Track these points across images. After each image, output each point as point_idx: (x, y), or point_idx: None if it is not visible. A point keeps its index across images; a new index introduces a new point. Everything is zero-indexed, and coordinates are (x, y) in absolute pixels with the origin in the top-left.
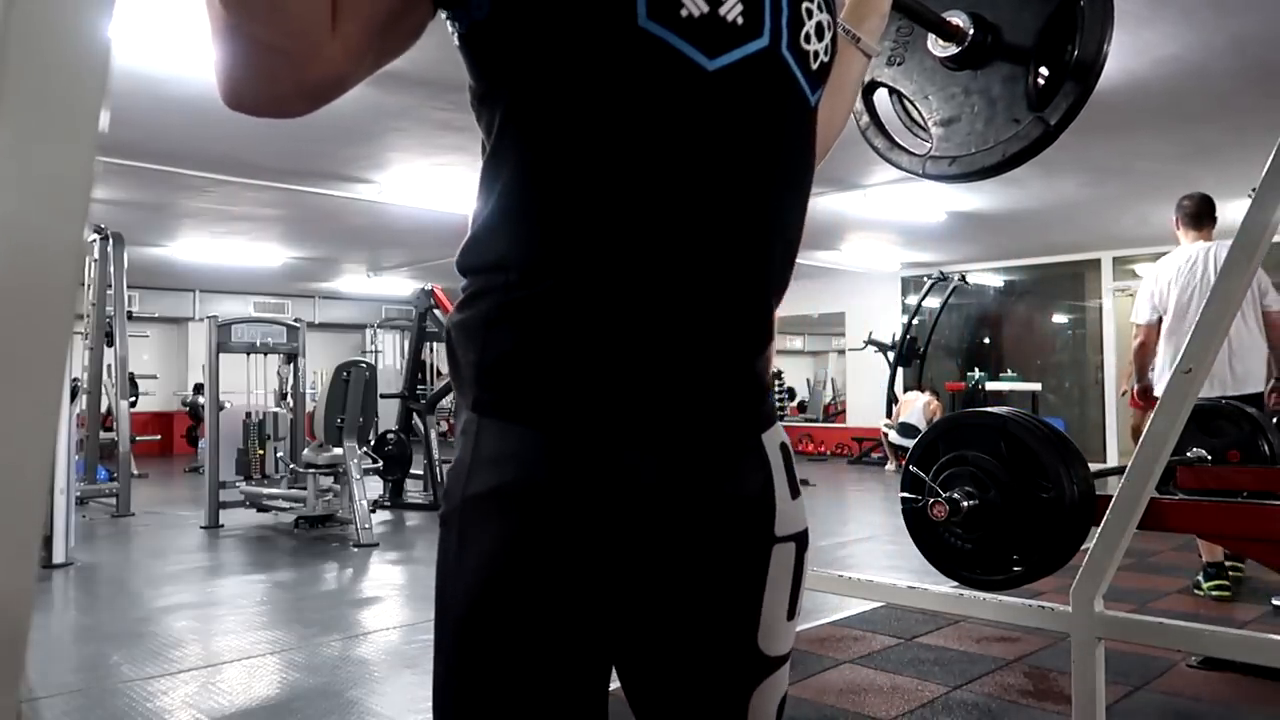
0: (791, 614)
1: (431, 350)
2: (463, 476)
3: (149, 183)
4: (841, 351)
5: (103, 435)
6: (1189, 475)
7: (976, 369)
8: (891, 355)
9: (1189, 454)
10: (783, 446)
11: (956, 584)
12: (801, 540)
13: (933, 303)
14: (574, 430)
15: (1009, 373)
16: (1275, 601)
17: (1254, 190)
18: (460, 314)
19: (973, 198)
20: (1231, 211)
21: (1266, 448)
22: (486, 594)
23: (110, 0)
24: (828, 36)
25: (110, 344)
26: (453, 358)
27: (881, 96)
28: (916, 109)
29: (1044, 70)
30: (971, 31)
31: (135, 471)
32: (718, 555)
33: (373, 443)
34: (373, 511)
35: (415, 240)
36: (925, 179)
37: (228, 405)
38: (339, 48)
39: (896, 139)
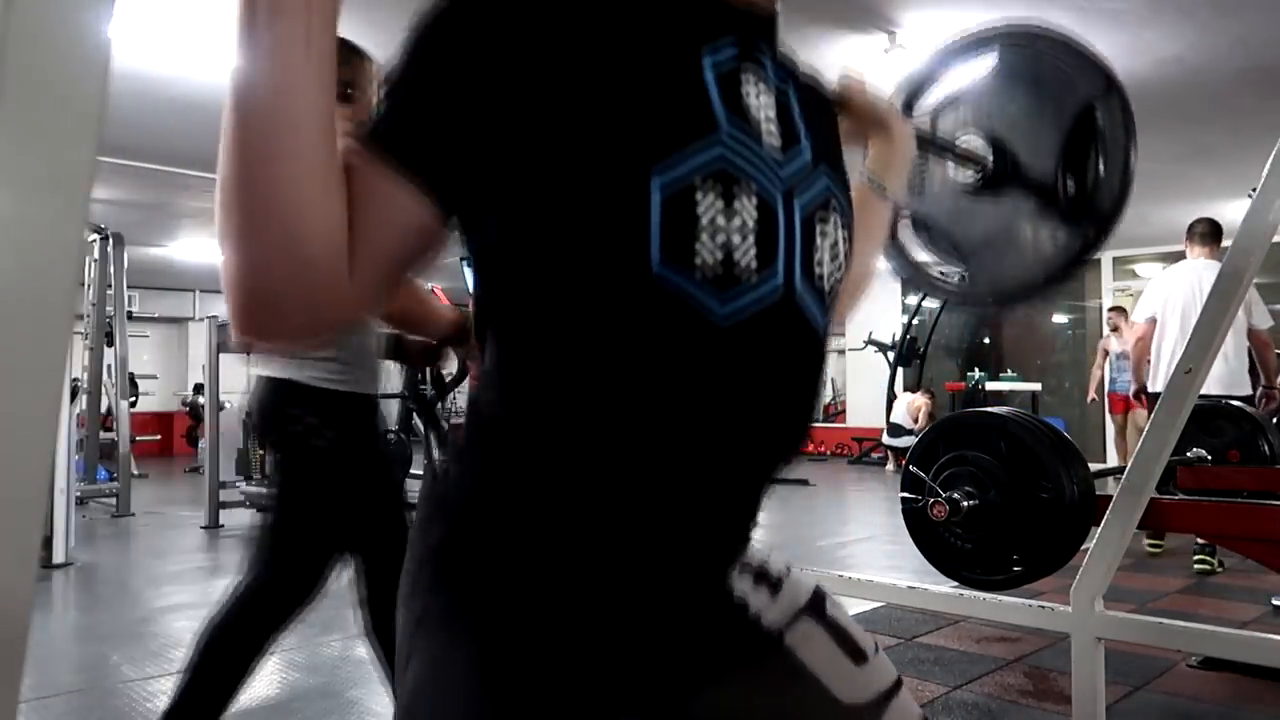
0: None
1: None
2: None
3: (149, 183)
4: (842, 351)
5: (103, 435)
6: (1189, 475)
7: (976, 369)
8: (891, 355)
9: (1189, 454)
10: (823, 624)
11: (956, 584)
12: (896, 688)
13: (933, 303)
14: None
15: (1009, 373)
16: (1275, 601)
17: (1254, 190)
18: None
19: None
20: (1231, 211)
21: (1266, 448)
22: None
23: (110, 1)
24: (841, 250)
25: (110, 344)
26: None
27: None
28: (944, 236)
29: (1071, 182)
30: (991, 156)
31: (135, 471)
32: None
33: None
34: None
35: None
36: (965, 307)
37: (228, 405)
38: (354, 288)
39: (927, 269)
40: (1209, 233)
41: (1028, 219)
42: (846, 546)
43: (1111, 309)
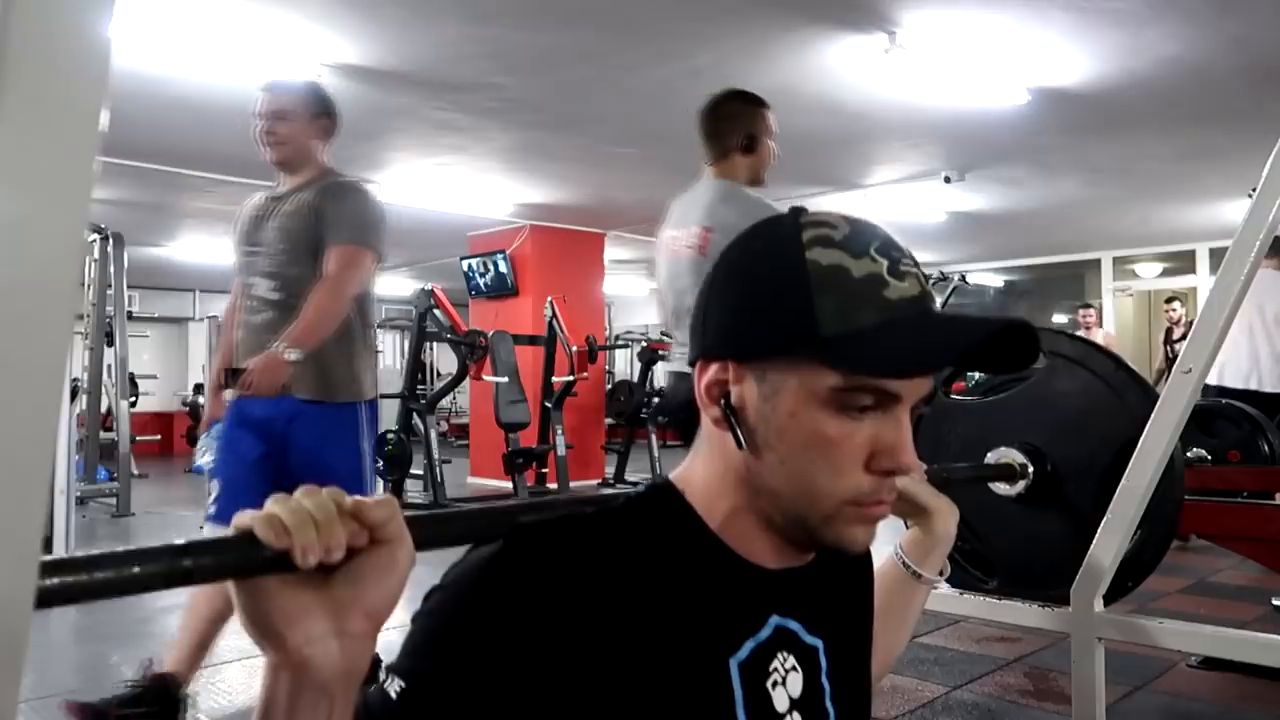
0: None
1: (432, 350)
2: None
3: (149, 183)
4: None
5: (103, 435)
6: (1189, 475)
7: (978, 372)
8: None
9: (1189, 454)
10: None
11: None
12: None
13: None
14: None
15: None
16: (1275, 601)
17: (1254, 190)
18: None
19: (973, 198)
20: (1231, 211)
21: (1266, 448)
22: None
23: (110, 1)
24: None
25: (110, 344)
26: None
27: None
28: (977, 542)
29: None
30: (1033, 471)
31: (135, 471)
32: None
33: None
34: None
35: (415, 240)
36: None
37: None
38: None
39: (964, 571)
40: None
41: (1060, 540)
42: None
43: (1081, 306)
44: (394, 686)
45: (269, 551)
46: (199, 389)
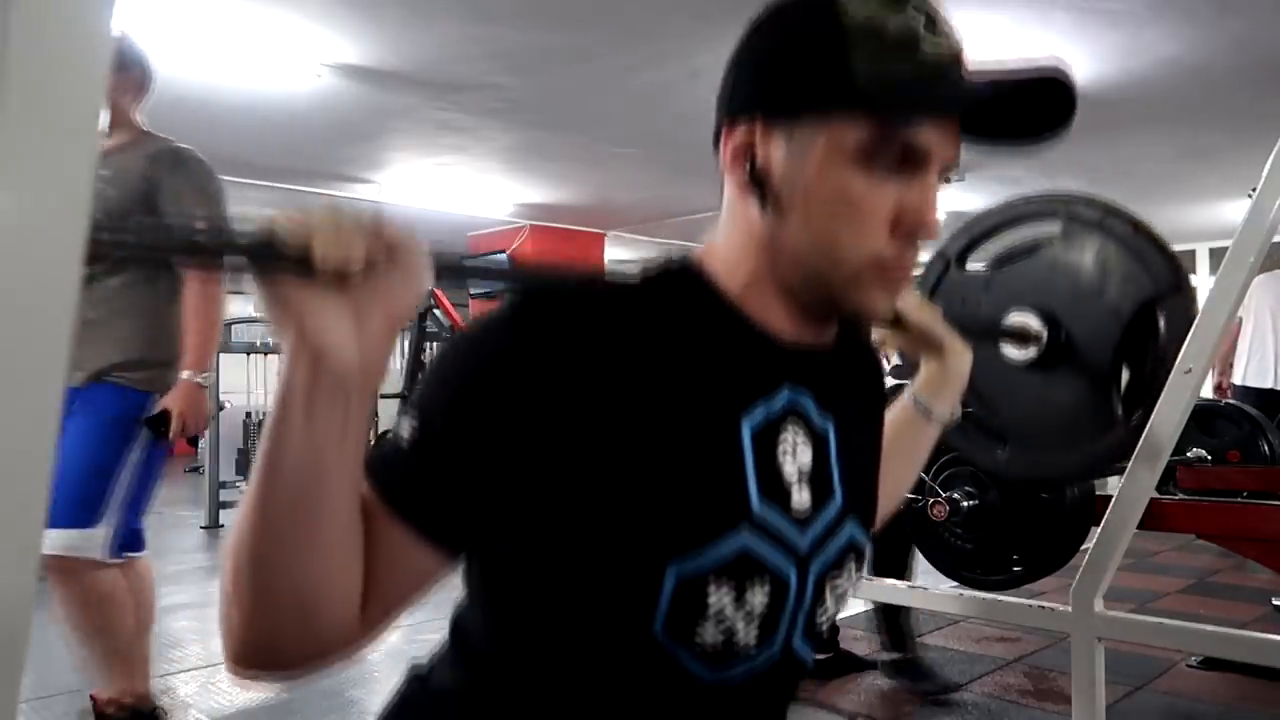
0: None
1: (431, 350)
2: None
3: None
4: None
5: None
6: (1189, 475)
7: None
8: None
9: (1189, 454)
10: None
11: (956, 584)
12: None
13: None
14: None
15: None
16: (1275, 601)
17: (1254, 190)
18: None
19: (974, 197)
20: (1231, 211)
21: (1266, 448)
22: None
23: (110, 0)
24: (849, 591)
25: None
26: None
27: None
28: (985, 409)
29: (1125, 373)
30: (1045, 336)
31: None
32: None
33: (373, 442)
34: None
35: None
36: (1006, 479)
37: (228, 405)
38: (360, 630)
39: (972, 439)
40: None
41: (1076, 407)
42: None
43: None
44: (405, 431)
45: (289, 251)
46: None
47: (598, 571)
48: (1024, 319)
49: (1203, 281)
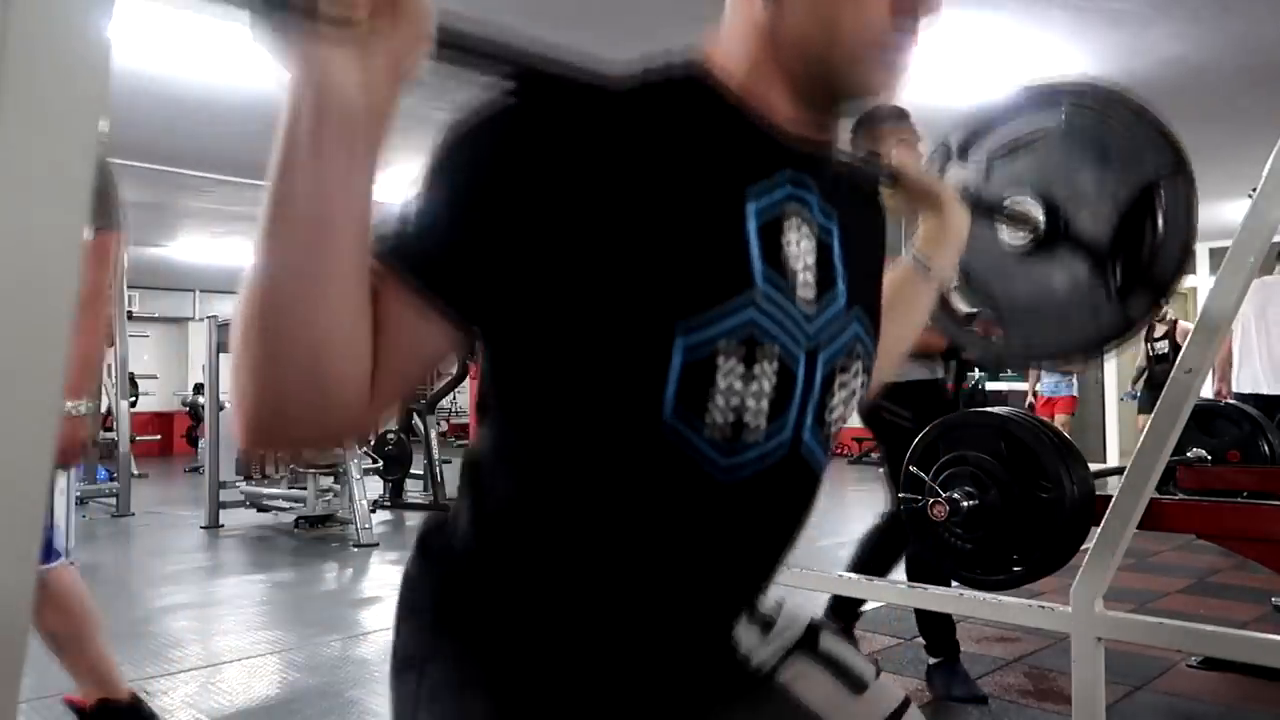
0: None
1: None
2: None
3: (149, 183)
4: None
5: (103, 435)
6: (1189, 475)
7: (976, 369)
8: None
9: (1189, 454)
10: (818, 659)
11: (956, 584)
12: (902, 709)
13: None
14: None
15: (1009, 373)
16: (1275, 601)
17: (1254, 190)
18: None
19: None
20: (1231, 211)
21: (1266, 448)
22: None
23: (110, 1)
24: (858, 392)
25: (110, 344)
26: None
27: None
28: (983, 293)
29: (1124, 257)
30: (1043, 220)
31: (135, 471)
32: None
33: (372, 443)
34: (373, 511)
35: None
36: (1001, 367)
37: (228, 405)
38: (371, 409)
39: (963, 324)
40: None
41: (1073, 288)
42: (846, 547)
43: None
44: (414, 202)
45: None
46: (199, 389)
47: (608, 345)
48: (1023, 203)
49: (1203, 282)
